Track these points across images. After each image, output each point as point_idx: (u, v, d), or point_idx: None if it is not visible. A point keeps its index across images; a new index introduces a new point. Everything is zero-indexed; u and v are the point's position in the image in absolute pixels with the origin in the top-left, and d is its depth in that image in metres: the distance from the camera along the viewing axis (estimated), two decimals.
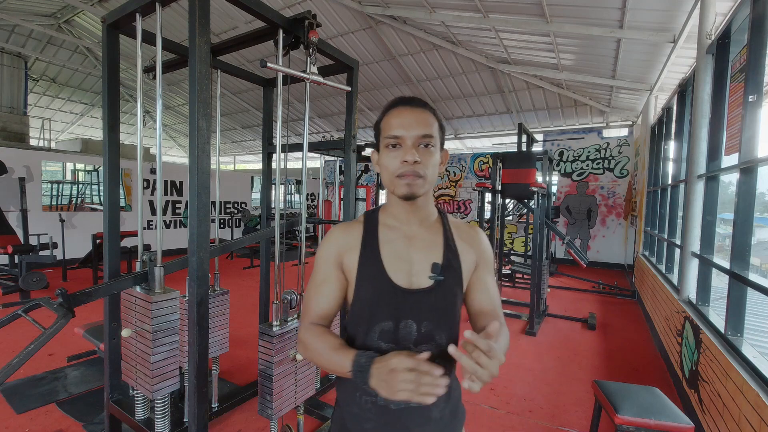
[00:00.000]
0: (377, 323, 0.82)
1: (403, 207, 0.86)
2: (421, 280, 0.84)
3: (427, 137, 0.81)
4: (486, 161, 9.89)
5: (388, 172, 0.82)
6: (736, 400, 1.76)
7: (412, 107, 0.83)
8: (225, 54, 2.20)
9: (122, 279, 1.69)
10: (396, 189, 0.82)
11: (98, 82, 12.80)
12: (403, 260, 0.85)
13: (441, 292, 0.83)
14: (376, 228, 0.89)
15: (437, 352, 0.82)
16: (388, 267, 0.84)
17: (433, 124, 0.83)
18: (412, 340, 0.82)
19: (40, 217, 6.51)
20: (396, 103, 0.84)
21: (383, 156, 0.84)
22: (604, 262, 8.37)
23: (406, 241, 0.87)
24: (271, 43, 1.88)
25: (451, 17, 6.04)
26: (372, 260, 0.84)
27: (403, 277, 0.83)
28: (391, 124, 0.82)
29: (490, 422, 2.40)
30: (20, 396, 2.53)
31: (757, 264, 6.90)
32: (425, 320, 0.82)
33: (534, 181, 4.27)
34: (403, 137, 0.80)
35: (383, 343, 0.82)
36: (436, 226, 0.90)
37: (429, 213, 0.90)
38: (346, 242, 0.88)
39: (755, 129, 2.11)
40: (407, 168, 0.80)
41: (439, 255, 0.86)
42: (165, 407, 1.82)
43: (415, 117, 0.81)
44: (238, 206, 10.06)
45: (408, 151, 0.79)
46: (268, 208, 2.74)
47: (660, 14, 4.23)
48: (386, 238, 0.87)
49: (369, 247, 0.86)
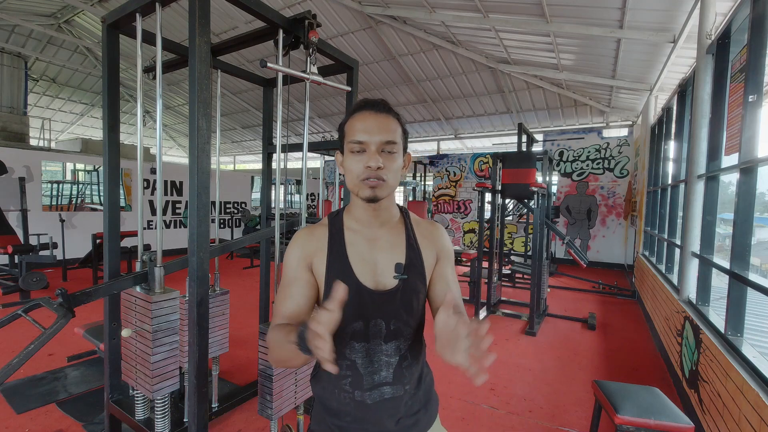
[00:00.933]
0: (348, 324, 0.84)
1: (366, 209, 0.89)
2: (386, 281, 0.87)
3: (390, 143, 0.83)
4: (486, 161, 9.88)
5: (352, 176, 0.84)
6: (736, 400, 1.76)
7: (376, 112, 0.84)
8: (225, 54, 2.20)
9: (122, 279, 1.69)
10: (360, 192, 0.84)
11: (98, 82, 12.81)
12: (368, 262, 0.88)
13: (405, 291, 0.87)
14: (341, 230, 0.91)
15: (406, 346, 0.87)
16: (356, 269, 0.86)
17: (396, 130, 0.85)
18: (382, 336, 0.86)
19: (40, 217, 6.51)
20: (361, 107, 0.86)
21: (347, 159, 0.85)
22: (604, 262, 8.37)
23: (369, 242, 0.89)
24: (271, 43, 1.88)
25: (451, 17, 6.05)
26: (339, 262, 0.87)
27: (369, 278, 0.86)
28: (355, 129, 0.83)
29: (490, 422, 2.40)
30: (20, 396, 2.53)
31: (757, 264, 6.90)
32: (393, 318, 0.86)
33: (534, 181, 4.27)
34: (366, 142, 0.82)
35: (355, 342, 0.86)
36: (398, 227, 0.93)
37: (392, 214, 0.93)
38: (313, 245, 0.89)
39: (755, 129, 2.11)
40: (370, 173, 0.82)
41: (402, 255, 0.89)
42: (165, 407, 1.82)
43: (378, 123, 0.83)
44: (238, 206, 10.06)
45: (372, 157, 0.81)
46: (268, 208, 2.74)
47: (660, 14, 4.24)
48: (351, 240, 0.89)
49: (336, 250, 0.88)
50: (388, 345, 0.86)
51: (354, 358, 0.86)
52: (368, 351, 0.86)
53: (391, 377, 0.86)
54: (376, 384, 0.86)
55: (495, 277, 4.99)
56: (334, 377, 0.87)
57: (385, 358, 0.86)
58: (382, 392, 0.86)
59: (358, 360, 0.86)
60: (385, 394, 0.86)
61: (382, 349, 0.86)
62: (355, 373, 0.86)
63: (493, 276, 4.86)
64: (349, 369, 0.86)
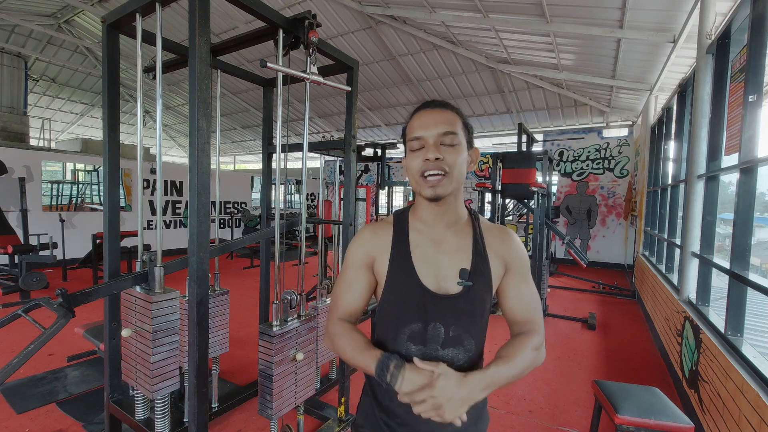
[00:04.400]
0: (406, 324, 0.84)
1: (430, 209, 0.86)
2: (449, 285, 0.84)
3: (449, 134, 0.81)
4: (486, 161, 9.88)
5: (413, 173, 0.83)
6: (736, 400, 1.76)
7: (432, 108, 0.84)
8: (225, 54, 2.20)
9: (122, 279, 1.69)
10: (422, 190, 0.82)
11: (98, 82, 12.81)
12: (432, 264, 0.85)
13: (469, 298, 0.83)
14: (406, 230, 0.89)
15: (465, 358, 0.84)
16: (419, 270, 0.84)
17: (456, 122, 0.83)
18: (440, 342, 0.83)
19: (40, 217, 6.51)
20: (419, 107, 0.86)
21: (408, 158, 0.85)
22: (604, 262, 8.37)
23: (434, 245, 0.87)
24: (271, 43, 1.88)
25: (451, 17, 6.04)
26: (403, 263, 0.85)
27: (431, 281, 0.84)
28: (413, 127, 0.83)
29: (490, 422, 2.40)
30: (20, 396, 2.53)
31: (757, 264, 6.90)
32: (453, 324, 0.83)
33: (534, 181, 4.27)
34: (424, 137, 0.81)
35: (412, 344, 0.83)
36: (465, 229, 0.89)
37: (458, 215, 0.89)
38: (376, 244, 0.89)
39: (755, 129, 2.11)
40: (429, 165, 0.80)
41: (467, 260, 0.86)
42: (165, 407, 1.82)
43: (435, 117, 0.82)
44: (238, 206, 10.06)
45: (430, 149, 0.80)
46: (268, 208, 2.74)
47: (660, 14, 4.23)
48: (416, 241, 0.87)
49: (400, 250, 0.86)
50: (445, 351, 0.83)
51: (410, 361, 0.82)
52: (424, 355, 0.82)
53: None
54: None
55: None
56: None
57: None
58: None
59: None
60: None
61: (438, 355, 0.83)
62: None
63: None
64: None
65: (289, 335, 1.74)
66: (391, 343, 0.85)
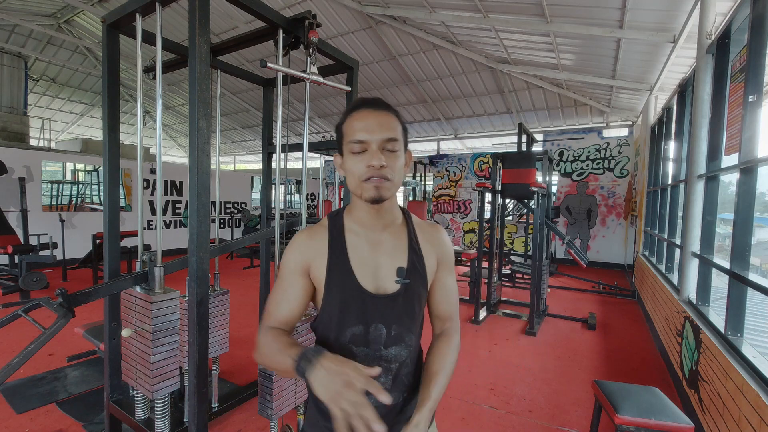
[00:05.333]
0: (348, 327, 0.83)
1: (368, 211, 0.86)
2: (387, 285, 0.85)
3: (392, 141, 0.80)
4: (486, 161, 9.89)
5: (354, 177, 0.81)
6: (736, 400, 1.76)
7: (375, 110, 0.81)
8: (225, 54, 2.20)
9: (122, 279, 1.69)
10: (363, 193, 0.81)
11: (98, 82, 12.81)
12: (370, 265, 0.85)
13: (407, 296, 0.85)
14: (342, 233, 0.88)
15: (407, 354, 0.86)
16: (357, 272, 0.84)
17: (397, 127, 0.82)
18: (383, 342, 0.84)
19: (40, 217, 6.51)
20: (358, 105, 0.83)
21: (348, 160, 0.82)
22: (604, 262, 8.37)
23: (371, 245, 0.87)
24: (271, 43, 1.88)
25: (451, 17, 6.05)
26: (340, 266, 0.84)
27: (370, 283, 0.84)
28: (354, 128, 0.80)
29: (490, 422, 2.40)
30: (20, 396, 2.53)
31: (757, 264, 6.90)
32: (394, 323, 0.84)
33: (534, 181, 4.27)
34: (368, 141, 0.79)
35: (354, 346, 0.84)
36: (401, 229, 0.91)
37: (394, 216, 0.90)
38: (312, 248, 0.87)
39: (755, 129, 2.11)
40: (374, 172, 0.79)
41: (404, 258, 0.87)
42: (165, 407, 1.82)
43: (378, 120, 0.80)
44: (238, 206, 10.06)
45: (374, 156, 0.78)
46: (268, 208, 2.74)
47: (660, 14, 4.23)
48: (353, 243, 0.87)
49: (337, 253, 0.85)
50: (388, 351, 0.84)
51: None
52: (367, 356, 0.83)
53: (389, 384, 0.85)
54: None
55: (495, 277, 4.99)
56: None
57: (385, 364, 0.84)
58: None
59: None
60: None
61: (381, 355, 0.84)
62: None
63: (493, 276, 4.86)
64: None
65: None
66: (332, 346, 0.85)
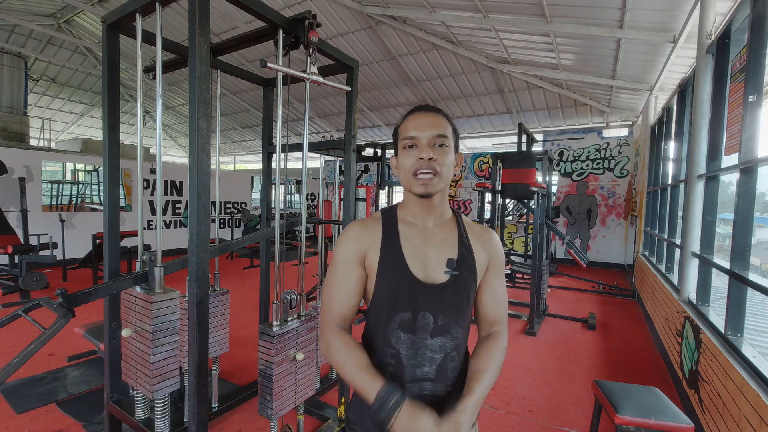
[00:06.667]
0: (397, 314, 0.87)
1: (419, 205, 0.91)
2: (436, 275, 0.88)
3: (441, 137, 0.87)
4: (486, 161, 9.89)
5: (405, 171, 0.88)
6: (736, 400, 1.76)
7: (426, 112, 0.89)
8: (225, 54, 2.20)
9: (122, 279, 1.69)
10: (413, 187, 0.87)
11: (98, 82, 12.81)
12: (421, 255, 0.89)
13: (456, 287, 0.88)
14: (395, 224, 0.93)
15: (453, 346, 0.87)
16: (408, 260, 0.88)
17: (447, 127, 0.89)
18: (429, 331, 0.86)
19: (40, 217, 6.51)
20: (412, 110, 0.91)
21: (401, 157, 0.89)
22: (604, 262, 8.37)
23: (422, 237, 0.91)
24: (271, 43, 1.88)
25: (451, 17, 6.04)
26: (393, 254, 0.88)
27: (420, 271, 0.88)
28: (407, 128, 0.88)
29: (490, 422, 2.40)
30: (20, 396, 2.53)
31: (757, 264, 6.90)
32: (441, 313, 0.87)
33: (534, 181, 4.27)
34: (418, 138, 0.86)
35: (402, 333, 0.87)
36: (450, 224, 0.95)
37: (444, 212, 0.95)
38: (366, 238, 0.91)
39: (755, 129, 2.11)
40: (423, 164, 0.85)
41: (454, 251, 0.90)
42: (165, 407, 1.82)
43: (429, 120, 0.87)
44: (238, 206, 10.06)
45: (423, 149, 0.85)
46: (268, 208, 2.74)
47: (660, 14, 4.23)
48: (405, 233, 0.91)
49: (390, 242, 0.90)
50: (434, 340, 0.86)
51: (399, 348, 0.87)
52: (413, 343, 0.86)
53: (433, 374, 0.86)
54: (417, 378, 0.86)
55: None
56: (378, 366, 0.87)
57: (430, 353, 0.86)
58: (422, 387, 0.86)
59: (402, 351, 0.86)
60: (425, 389, 0.86)
61: (427, 344, 0.86)
62: (398, 363, 0.87)
63: None
64: (393, 358, 0.87)
65: (289, 335, 1.74)
66: (382, 331, 0.89)
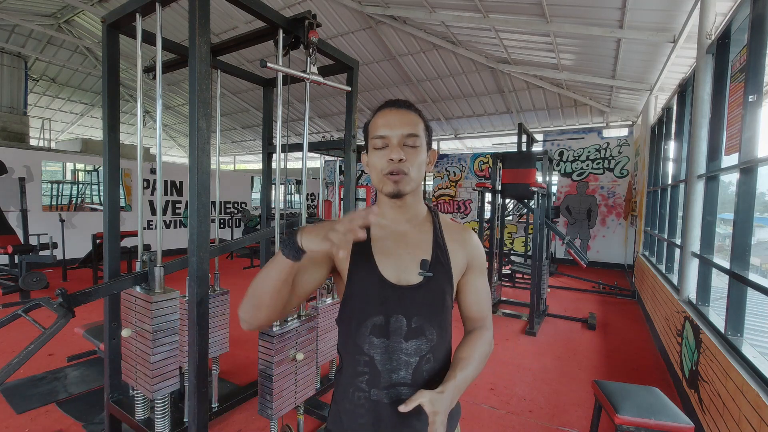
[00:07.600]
0: (368, 318, 0.84)
1: (391, 206, 0.89)
2: (409, 277, 0.86)
3: (412, 136, 0.84)
4: (486, 161, 9.89)
5: (376, 171, 0.85)
6: (736, 400, 1.76)
7: (397, 108, 0.86)
8: (225, 54, 2.20)
9: (122, 279, 1.69)
10: (383, 187, 0.85)
11: (98, 82, 12.81)
12: (393, 257, 0.87)
13: (429, 288, 0.85)
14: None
15: (428, 348, 0.85)
16: (379, 262, 0.86)
17: (418, 124, 0.86)
18: (402, 334, 0.84)
19: (40, 217, 6.51)
20: (382, 105, 0.88)
21: (371, 156, 0.87)
22: (604, 262, 8.37)
23: (395, 238, 0.89)
24: (271, 43, 1.88)
25: (451, 17, 6.04)
26: (363, 257, 0.86)
27: (392, 273, 0.85)
28: (377, 125, 0.85)
29: (490, 422, 2.40)
30: (20, 396, 2.53)
31: (757, 264, 6.89)
32: (414, 315, 0.84)
33: (534, 181, 4.27)
34: (388, 137, 0.83)
35: (375, 337, 0.84)
36: (425, 225, 0.92)
37: (418, 211, 0.93)
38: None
39: (755, 129, 2.11)
40: (393, 166, 0.82)
41: (428, 252, 0.88)
42: (165, 407, 1.82)
43: (399, 117, 0.84)
44: (238, 206, 10.06)
45: (394, 150, 0.82)
46: (268, 208, 2.74)
47: (660, 14, 4.23)
48: (376, 235, 0.89)
49: (360, 244, 0.87)
50: (408, 344, 0.83)
51: (372, 354, 0.84)
52: (387, 348, 0.83)
53: (409, 378, 0.83)
54: (394, 383, 0.83)
55: (495, 277, 4.99)
56: (352, 375, 0.85)
57: (405, 357, 0.83)
58: (398, 392, 0.83)
59: (376, 356, 0.83)
60: (402, 394, 0.82)
61: (401, 348, 0.83)
62: (372, 370, 0.84)
63: (493, 276, 4.86)
64: (367, 366, 0.84)
65: (289, 335, 1.74)
66: (353, 338, 0.86)
